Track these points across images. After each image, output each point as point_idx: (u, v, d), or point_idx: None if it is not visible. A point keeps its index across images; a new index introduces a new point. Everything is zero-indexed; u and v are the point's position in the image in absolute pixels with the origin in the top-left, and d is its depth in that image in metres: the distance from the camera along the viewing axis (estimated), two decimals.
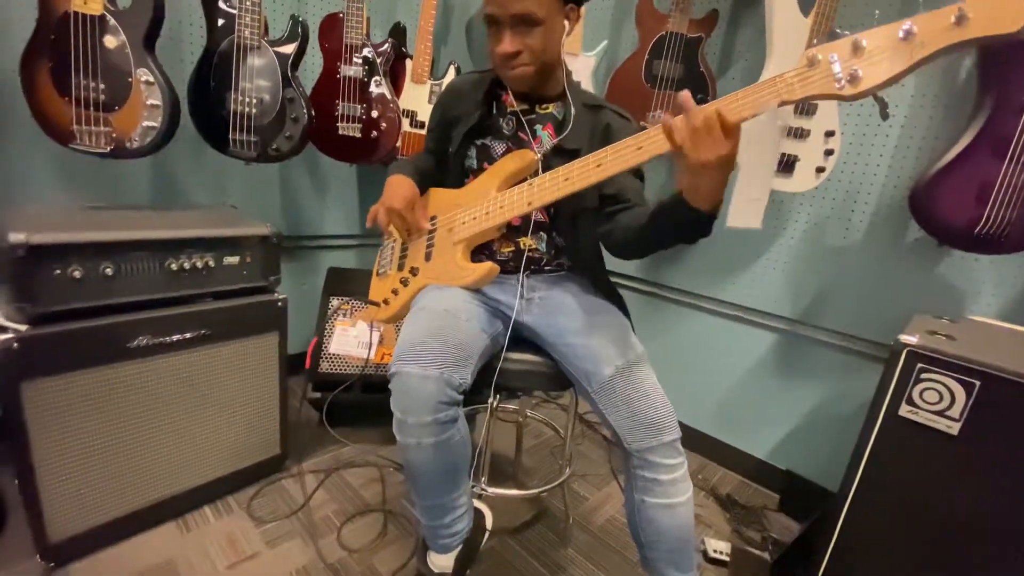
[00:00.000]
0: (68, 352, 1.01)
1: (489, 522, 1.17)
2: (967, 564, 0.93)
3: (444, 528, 1.00)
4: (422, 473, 0.92)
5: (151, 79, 1.20)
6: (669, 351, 1.85)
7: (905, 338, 0.94)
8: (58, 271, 0.99)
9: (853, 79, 0.65)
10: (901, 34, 0.62)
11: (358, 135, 1.61)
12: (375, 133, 1.63)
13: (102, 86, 1.17)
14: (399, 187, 1.09)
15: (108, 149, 1.21)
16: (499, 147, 1.08)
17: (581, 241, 1.08)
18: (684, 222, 0.80)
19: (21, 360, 0.95)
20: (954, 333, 0.99)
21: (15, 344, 0.94)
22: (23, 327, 0.96)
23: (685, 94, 0.71)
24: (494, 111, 1.09)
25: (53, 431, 1.01)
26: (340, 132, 1.59)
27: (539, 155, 1.03)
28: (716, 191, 0.75)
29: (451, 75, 1.79)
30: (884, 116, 1.00)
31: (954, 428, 0.89)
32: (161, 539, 1.18)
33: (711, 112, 0.69)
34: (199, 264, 1.17)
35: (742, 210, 1.33)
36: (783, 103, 0.70)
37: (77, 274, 1.00)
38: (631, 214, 0.96)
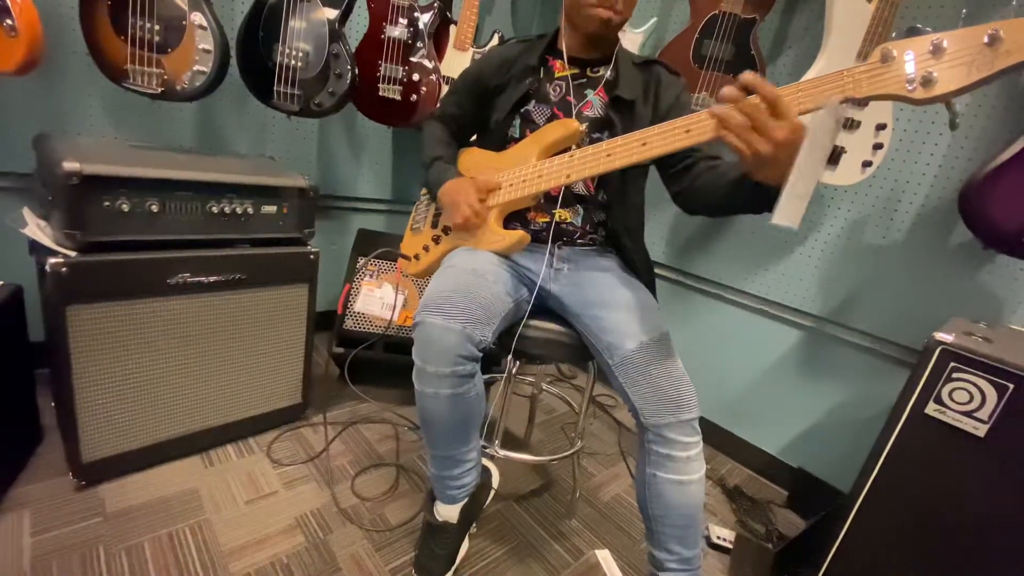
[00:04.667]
0: (112, 282, 1.05)
1: (496, 481, 1.19)
2: (977, 567, 0.91)
3: (452, 480, 1.03)
4: (436, 423, 0.95)
5: (204, 24, 1.22)
6: (690, 340, 1.84)
7: (940, 336, 0.92)
8: (107, 203, 1.02)
9: (927, 82, 0.60)
10: (986, 39, 0.57)
11: (398, 97, 1.61)
12: (415, 97, 1.63)
13: (157, 27, 1.19)
14: (466, 192, 1.05)
15: (158, 90, 1.24)
16: (544, 112, 1.08)
17: (630, 210, 1.09)
18: (757, 196, 0.79)
19: (69, 285, 1.00)
20: (991, 337, 0.97)
21: (64, 269, 0.98)
22: (72, 253, 1.00)
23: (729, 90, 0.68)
24: (542, 76, 1.09)
25: (92, 357, 1.06)
26: (380, 93, 1.60)
27: (584, 126, 1.02)
28: (777, 170, 0.71)
29: (494, 43, 1.78)
30: (953, 126, 0.94)
31: (981, 430, 0.88)
32: (186, 470, 1.24)
33: (758, 101, 0.65)
34: (238, 210, 1.20)
35: (786, 208, 1.28)
36: (846, 100, 0.66)
37: (125, 207, 1.04)
38: (712, 175, 0.95)
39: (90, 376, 1.07)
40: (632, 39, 1.69)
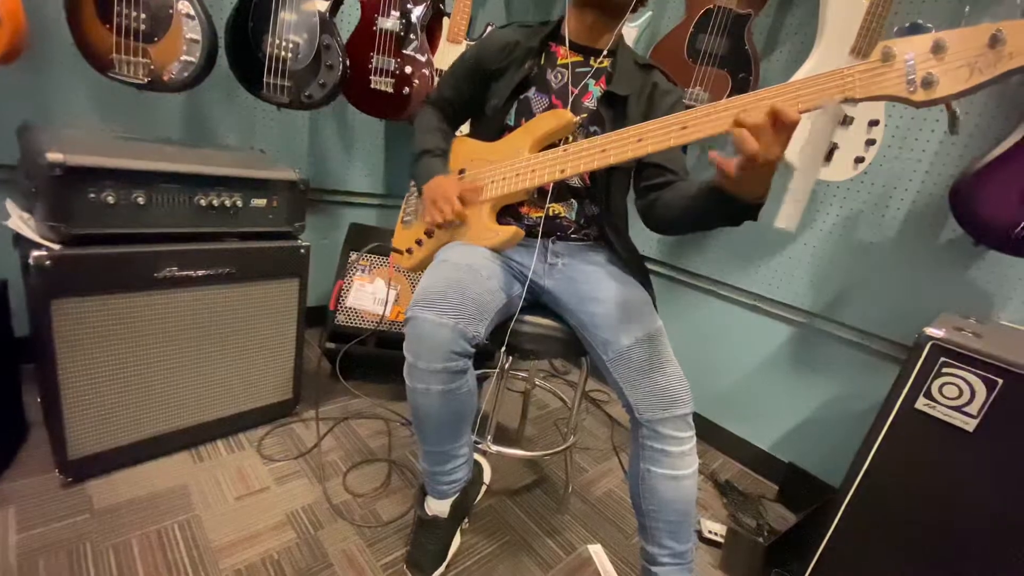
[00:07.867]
0: (97, 275, 1.03)
1: (487, 476, 1.19)
2: (965, 561, 0.92)
3: (444, 475, 1.02)
4: (427, 418, 0.94)
5: (192, 13, 1.20)
6: (682, 335, 1.85)
7: (931, 331, 0.92)
8: (92, 195, 1.00)
9: (927, 84, 0.59)
10: (988, 40, 0.56)
11: (390, 90, 1.60)
12: (407, 90, 1.61)
13: (143, 16, 1.17)
14: (446, 192, 1.04)
15: (145, 80, 1.21)
16: (542, 102, 1.06)
17: (613, 209, 1.07)
18: (729, 210, 0.78)
19: (53, 278, 0.98)
20: (981, 332, 0.98)
21: (48, 262, 0.96)
22: (56, 246, 0.98)
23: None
24: (543, 63, 1.07)
25: (78, 351, 1.05)
26: (372, 86, 1.58)
27: (580, 117, 1.01)
28: (760, 186, 0.72)
29: None
30: (953, 130, 0.91)
31: (970, 424, 0.88)
32: (175, 466, 1.23)
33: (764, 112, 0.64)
34: (227, 203, 1.18)
35: (786, 210, 1.28)
36: (846, 100, 0.65)
37: (110, 199, 1.02)
38: (674, 190, 0.95)
39: (76, 371, 1.05)
40: (627, 32, 1.68)
